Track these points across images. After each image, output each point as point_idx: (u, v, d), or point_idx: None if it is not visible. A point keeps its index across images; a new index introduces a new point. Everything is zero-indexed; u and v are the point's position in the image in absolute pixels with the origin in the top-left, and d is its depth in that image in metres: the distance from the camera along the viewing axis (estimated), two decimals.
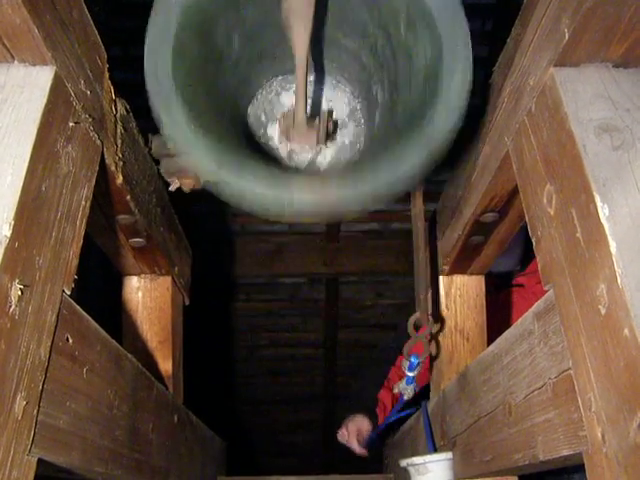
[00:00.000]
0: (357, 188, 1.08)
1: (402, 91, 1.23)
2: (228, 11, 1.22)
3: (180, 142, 1.09)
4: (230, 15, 1.22)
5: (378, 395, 2.64)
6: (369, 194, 1.09)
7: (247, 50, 1.28)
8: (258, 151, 1.30)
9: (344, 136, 1.33)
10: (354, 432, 2.55)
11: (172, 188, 1.26)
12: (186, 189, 1.32)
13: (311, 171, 1.30)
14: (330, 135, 1.30)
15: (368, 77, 1.31)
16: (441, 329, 1.89)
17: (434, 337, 1.90)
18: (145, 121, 1.51)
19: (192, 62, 1.17)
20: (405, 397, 1.90)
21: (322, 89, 1.37)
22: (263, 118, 1.33)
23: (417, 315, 1.67)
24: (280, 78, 1.35)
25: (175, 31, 1.13)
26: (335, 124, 1.32)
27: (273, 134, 1.33)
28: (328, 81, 1.37)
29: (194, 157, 1.09)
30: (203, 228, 4.08)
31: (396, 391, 1.91)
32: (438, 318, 1.90)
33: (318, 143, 1.28)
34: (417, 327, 1.70)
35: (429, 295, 1.86)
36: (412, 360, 1.76)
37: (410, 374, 1.80)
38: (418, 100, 1.18)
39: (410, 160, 1.10)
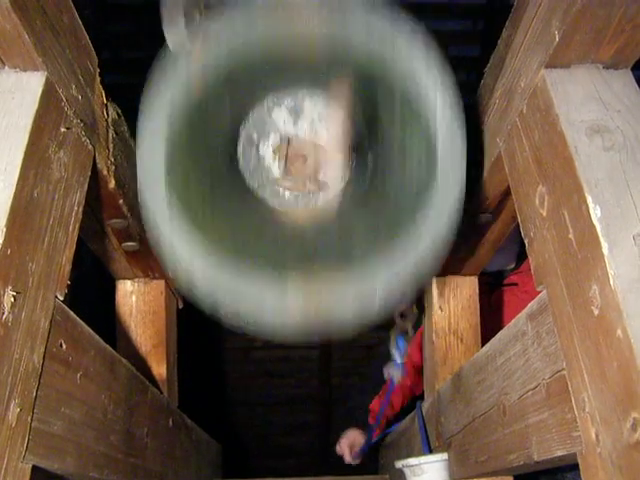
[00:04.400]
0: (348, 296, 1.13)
1: (393, 178, 1.22)
2: (217, 90, 1.22)
3: (180, 266, 1.16)
4: (220, 88, 1.23)
5: (370, 406, 2.76)
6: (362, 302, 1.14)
7: (237, 95, 1.28)
8: (252, 190, 1.31)
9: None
10: (346, 446, 2.85)
11: None
12: None
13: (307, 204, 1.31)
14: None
15: (360, 134, 1.29)
16: (435, 329, 1.89)
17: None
18: (136, 124, 1.51)
19: (184, 153, 1.20)
20: (395, 381, 1.94)
21: (315, 105, 1.32)
22: (255, 137, 1.32)
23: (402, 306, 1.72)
24: (271, 94, 1.33)
25: (166, 134, 1.16)
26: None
27: (265, 153, 1.32)
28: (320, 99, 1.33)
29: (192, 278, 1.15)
30: None
31: (386, 376, 1.95)
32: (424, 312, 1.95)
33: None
34: (402, 316, 1.75)
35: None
36: (399, 344, 1.81)
37: (398, 360, 1.86)
38: (408, 201, 1.19)
39: (399, 268, 1.13)
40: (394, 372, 1.91)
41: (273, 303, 1.13)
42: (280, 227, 1.28)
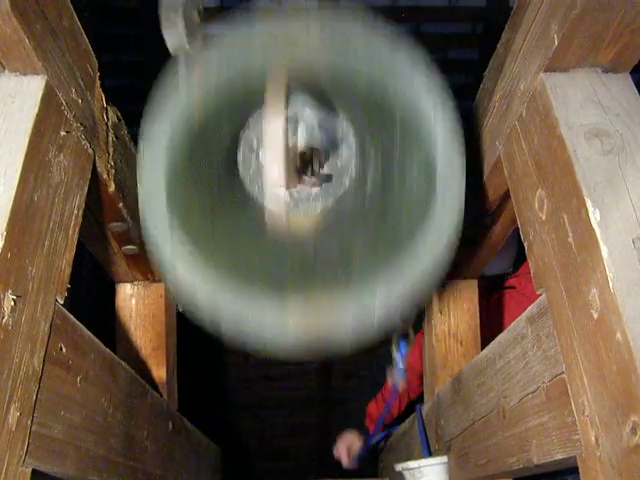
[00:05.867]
0: (347, 314, 1.15)
1: (394, 198, 1.23)
2: (217, 107, 1.23)
3: (177, 269, 1.18)
4: (220, 105, 1.23)
5: (368, 409, 2.76)
6: (362, 319, 1.15)
7: (236, 106, 1.27)
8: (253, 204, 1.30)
9: (337, 158, 1.29)
10: (344, 449, 2.83)
11: None
12: None
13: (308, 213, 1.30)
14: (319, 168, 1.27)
15: (362, 138, 1.28)
16: (434, 332, 1.89)
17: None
18: (136, 127, 1.51)
19: (185, 174, 1.21)
20: (398, 388, 1.93)
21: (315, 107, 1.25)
22: (255, 143, 1.31)
23: None
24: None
25: (166, 158, 1.19)
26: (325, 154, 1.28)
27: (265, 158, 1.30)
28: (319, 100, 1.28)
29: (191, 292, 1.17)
30: None
31: (389, 381, 1.95)
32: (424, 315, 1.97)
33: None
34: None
35: None
36: (401, 350, 1.81)
37: (401, 366, 1.86)
38: (408, 222, 1.20)
39: (398, 288, 1.16)
40: (398, 379, 1.91)
41: (273, 322, 1.15)
42: (280, 242, 1.27)
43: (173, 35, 1.16)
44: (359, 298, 1.16)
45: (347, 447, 2.83)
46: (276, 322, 1.15)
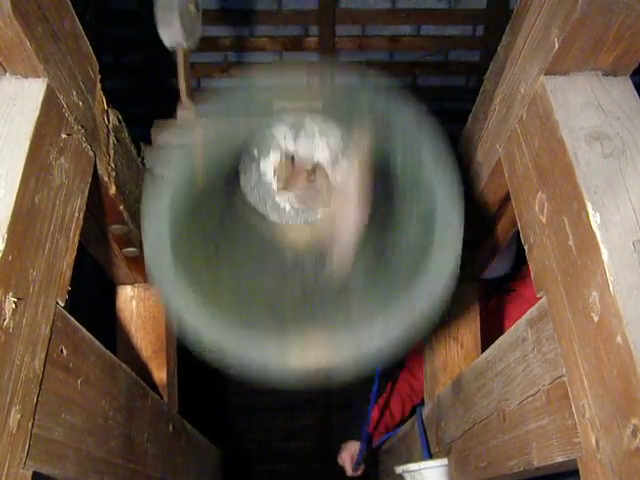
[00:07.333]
0: (351, 352, 1.19)
1: (395, 232, 1.29)
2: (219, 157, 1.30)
3: (184, 318, 1.22)
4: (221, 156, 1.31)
5: (372, 414, 2.77)
6: (364, 357, 1.20)
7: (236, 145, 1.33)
8: (253, 220, 1.34)
9: (336, 173, 1.30)
10: (348, 458, 2.87)
11: None
12: None
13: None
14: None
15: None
16: (435, 334, 1.89)
17: None
18: (137, 129, 1.51)
19: (187, 215, 1.26)
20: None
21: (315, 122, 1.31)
22: (256, 152, 1.32)
23: None
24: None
25: (170, 205, 1.24)
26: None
27: (266, 169, 1.32)
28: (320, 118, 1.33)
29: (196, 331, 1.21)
30: None
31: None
32: None
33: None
34: None
35: None
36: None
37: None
38: (408, 263, 1.26)
39: (400, 324, 1.19)
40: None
41: (275, 358, 1.20)
42: (282, 269, 1.29)
43: (170, 34, 1.17)
44: (357, 332, 1.20)
45: (351, 455, 2.84)
46: (277, 358, 1.20)
